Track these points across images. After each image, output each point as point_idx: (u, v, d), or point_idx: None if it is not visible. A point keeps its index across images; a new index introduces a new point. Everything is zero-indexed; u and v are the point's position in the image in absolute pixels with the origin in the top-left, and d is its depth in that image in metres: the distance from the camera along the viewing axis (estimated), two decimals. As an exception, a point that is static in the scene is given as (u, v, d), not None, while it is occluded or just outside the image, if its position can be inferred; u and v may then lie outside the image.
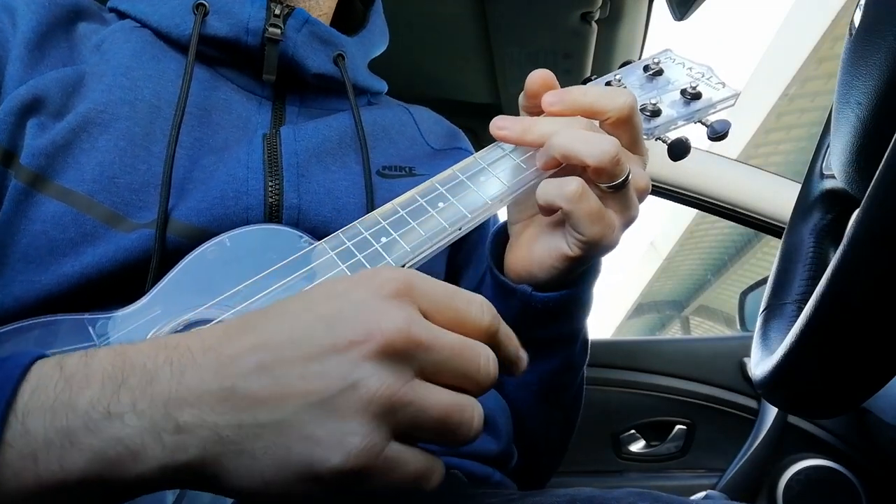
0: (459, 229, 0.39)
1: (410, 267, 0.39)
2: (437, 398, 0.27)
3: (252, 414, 0.26)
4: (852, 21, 0.39)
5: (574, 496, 0.39)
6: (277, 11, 0.53)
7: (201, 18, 0.51)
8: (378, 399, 0.26)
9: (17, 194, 0.44)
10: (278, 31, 0.52)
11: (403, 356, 0.27)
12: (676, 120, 0.49)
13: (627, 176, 0.41)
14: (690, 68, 0.51)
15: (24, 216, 0.44)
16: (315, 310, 0.28)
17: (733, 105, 0.50)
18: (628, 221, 0.43)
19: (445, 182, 0.42)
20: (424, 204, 0.40)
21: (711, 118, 0.49)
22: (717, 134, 0.48)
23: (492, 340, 0.30)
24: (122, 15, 0.55)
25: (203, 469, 0.26)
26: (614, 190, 0.41)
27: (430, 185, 0.42)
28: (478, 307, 0.29)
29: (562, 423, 0.58)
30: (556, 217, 0.44)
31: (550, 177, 0.43)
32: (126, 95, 0.49)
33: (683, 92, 0.49)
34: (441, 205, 0.40)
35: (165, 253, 0.44)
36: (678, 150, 0.48)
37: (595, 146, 0.39)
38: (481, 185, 0.42)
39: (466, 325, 0.29)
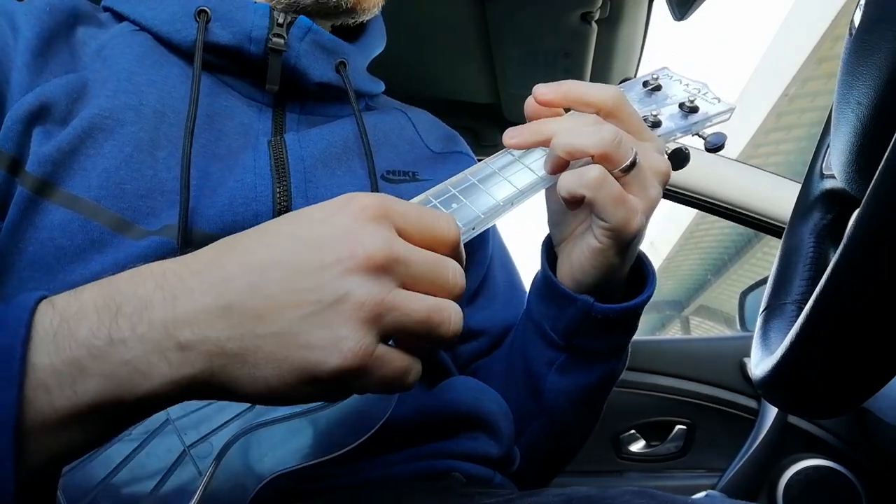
0: (473, 229, 0.41)
1: None
2: (417, 302, 0.30)
3: (250, 327, 0.28)
4: (852, 21, 0.39)
5: (571, 495, 0.39)
6: (280, 20, 0.52)
7: (204, 25, 0.51)
8: (366, 306, 0.28)
9: (23, 202, 0.43)
10: (282, 41, 0.51)
11: (385, 270, 0.29)
12: (675, 132, 0.51)
13: (635, 158, 0.42)
14: (687, 84, 0.54)
15: (31, 224, 0.43)
16: (299, 234, 0.30)
17: (728, 119, 0.52)
18: (650, 204, 0.45)
19: (458, 184, 0.43)
20: (438, 204, 0.41)
21: (708, 131, 0.51)
22: (714, 146, 0.50)
23: (456, 250, 0.34)
24: (117, 16, 0.55)
25: (210, 380, 0.28)
26: (625, 172, 0.42)
27: (444, 187, 0.43)
28: (445, 222, 0.33)
29: (588, 428, 0.59)
30: (586, 222, 0.47)
31: None
32: (130, 100, 0.48)
33: (681, 105, 0.51)
34: (455, 205, 0.41)
35: None
36: (678, 159, 0.51)
37: (593, 135, 0.42)
38: (493, 188, 0.43)
39: (437, 238, 0.32)
